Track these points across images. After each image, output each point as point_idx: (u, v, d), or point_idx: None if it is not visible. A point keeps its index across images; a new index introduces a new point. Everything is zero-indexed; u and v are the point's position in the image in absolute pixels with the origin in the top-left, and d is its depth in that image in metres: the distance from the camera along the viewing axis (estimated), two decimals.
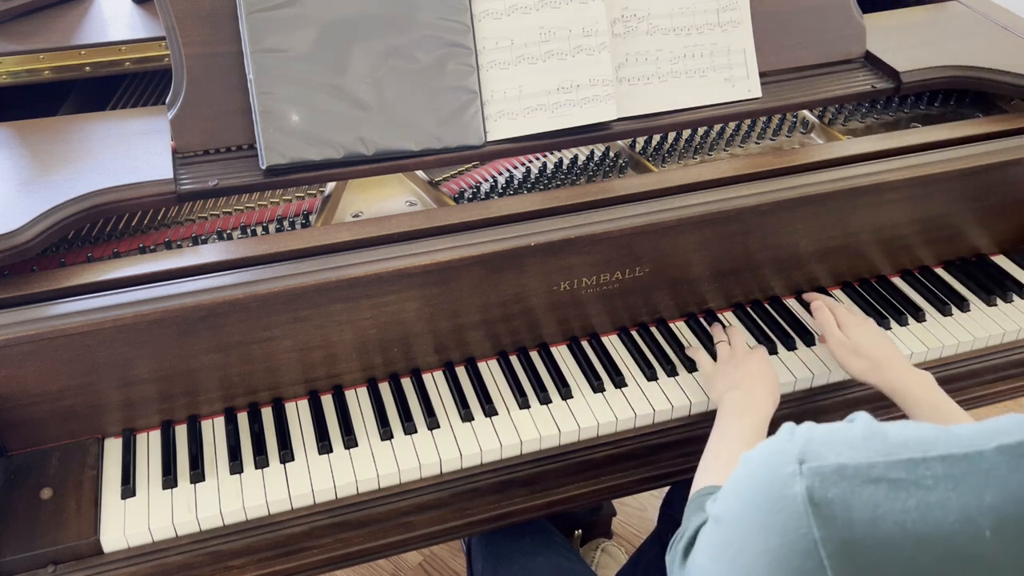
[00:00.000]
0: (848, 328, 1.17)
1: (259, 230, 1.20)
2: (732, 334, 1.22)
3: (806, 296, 1.30)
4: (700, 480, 0.97)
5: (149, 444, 1.12)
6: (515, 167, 1.34)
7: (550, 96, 1.20)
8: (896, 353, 1.13)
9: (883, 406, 1.27)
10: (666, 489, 1.47)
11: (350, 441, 1.12)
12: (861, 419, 0.65)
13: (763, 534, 0.62)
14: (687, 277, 1.26)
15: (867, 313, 1.31)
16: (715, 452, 1.00)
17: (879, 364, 1.11)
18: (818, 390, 1.24)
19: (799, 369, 1.23)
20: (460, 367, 1.22)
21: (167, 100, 1.15)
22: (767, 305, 1.33)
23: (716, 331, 1.25)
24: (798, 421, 1.27)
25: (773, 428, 1.22)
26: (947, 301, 1.32)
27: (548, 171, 1.33)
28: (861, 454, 0.60)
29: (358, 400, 1.18)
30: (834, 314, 1.20)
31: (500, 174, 1.33)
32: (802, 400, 1.23)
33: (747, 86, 1.29)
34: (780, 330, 1.28)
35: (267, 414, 1.15)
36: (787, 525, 0.60)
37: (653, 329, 1.29)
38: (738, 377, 1.11)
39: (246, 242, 1.12)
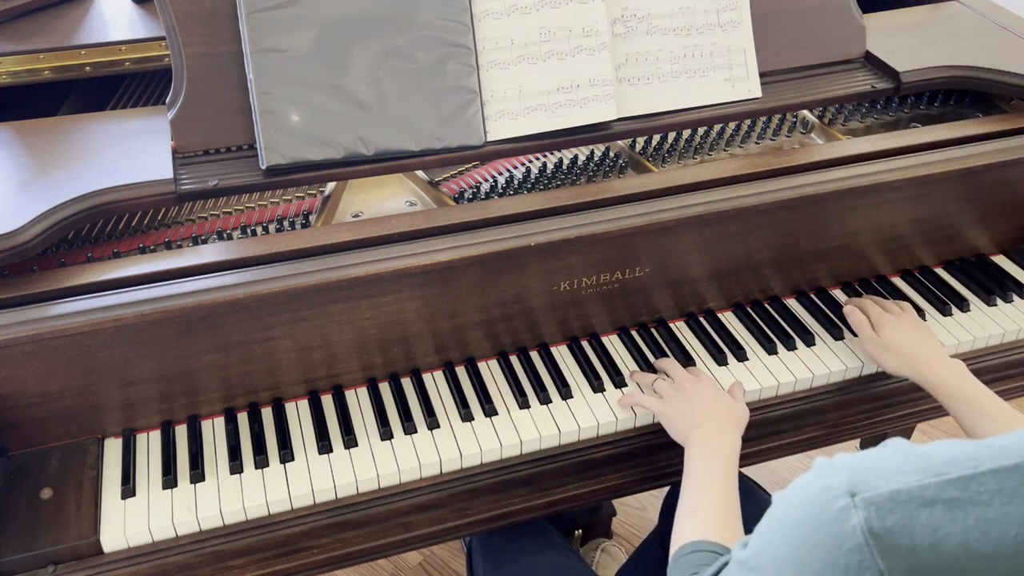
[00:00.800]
0: (881, 328, 1.19)
1: (259, 230, 1.20)
2: (668, 365, 1.18)
3: (846, 308, 1.27)
4: (680, 534, 0.94)
5: (149, 444, 1.12)
6: (515, 167, 1.35)
7: (550, 96, 1.20)
8: (928, 347, 1.15)
9: (882, 406, 1.28)
10: (666, 489, 1.47)
11: (350, 441, 1.12)
12: (896, 443, 0.63)
13: (822, 574, 0.60)
14: (687, 277, 1.26)
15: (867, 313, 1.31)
16: (692, 503, 0.97)
17: (910, 359, 1.14)
18: (819, 390, 1.24)
19: (799, 369, 1.23)
20: (460, 367, 1.22)
21: (167, 100, 1.15)
22: (767, 305, 1.33)
23: (642, 375, 1.20)
24: (799, 421, 1.28)
25: (774, 426, 1.23)
26: (947, 301, 1.32)
27: (548, 171, 1.33)
28: (910, 477, 0.59)
29: (358, 400, 1.18)
30: (867, 313, 1.22)
31: (500, 174, 1.33)
32: (803, 400, 1.23)
33: (747, 86, 1.30)
34: (780, 330, 1.28)
35: (267, 414, 1.15)
36: (849, 560, 0.58)
37: (653, 329, 1.29)
38: (696, 412, 1.09)
39: (246, 242, 1.12)
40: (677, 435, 1.10)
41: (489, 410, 1.16)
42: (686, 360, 1.23)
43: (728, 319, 1.31)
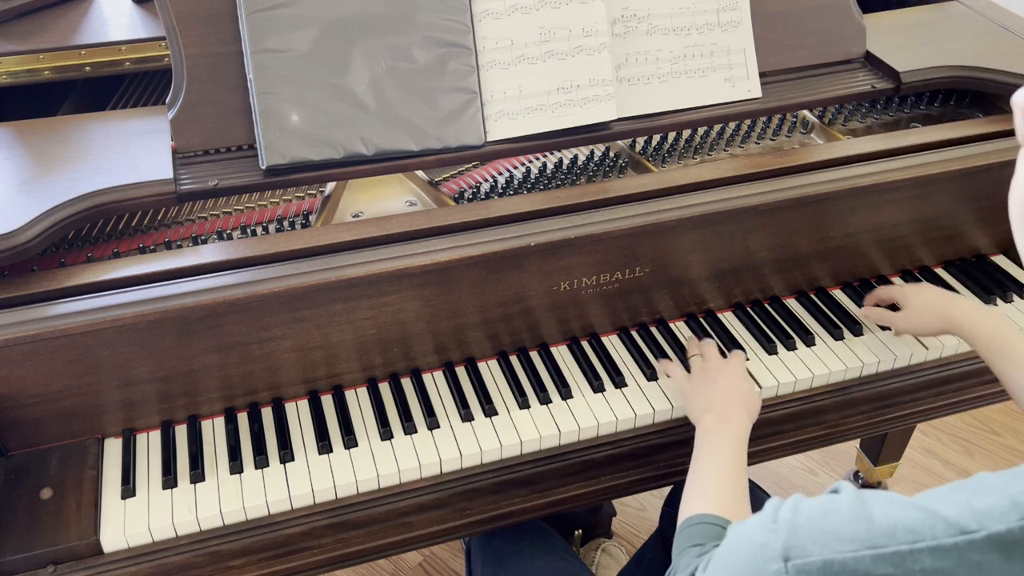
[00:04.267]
0: (906, 299, 1.20)
1: (259, 230, 1.20)
2: (705, 346, 1.19)
3: (863, 311, 1.29)
4: (687, 508, 0.95)
5: (149, 444, 1.12)
6: (515, 167, 1.34)
7: (550, 96, 1.20)
8: (958, 300, 1.16)
9: (882, 406, 1.28)
10: (667, 489, 1.47)
11: (350, 441, 1.12)
12: (845, 495, 0.62)
13: None
14: (687, 277, 1.26)
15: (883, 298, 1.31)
16: (698, 478, 0.99)
17: (943, 314, 1.15)
18: (819, 390, 1.24)
19: (799, 370, 1.23)
20: (460, 367, 1.22)
21: (167, 100, 1.15)
22: (767, 305, 1.33)
23: (691, 344, 1.22)
24: (799, 421, 1.27)
25: (774, 426, 1.23)
26: None
27: (548, 171, 1.33)
28: (847, 546, 0.58)
29: (358, 400, 1.18)
30: (884, 297, 1.24)
31: (500, 174, 1.33)
32: (804, 400, 1.23)
33: (747, 86, 1.30)
34: (780, 330, 1.28)
35: (267, 414, 1.15)
36: None
37: (653, 329, 1.29)
38: (712, 395, 1.09)
39: (246, 242, 1.12)
40: (691, 412, 1.11)
41: (489, 410, 1.16)
42: (687, 361, 1.23)
43: (728, 319, 1.31)
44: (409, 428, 1.13)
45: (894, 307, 1.25)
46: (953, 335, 1.16)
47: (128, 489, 1.06)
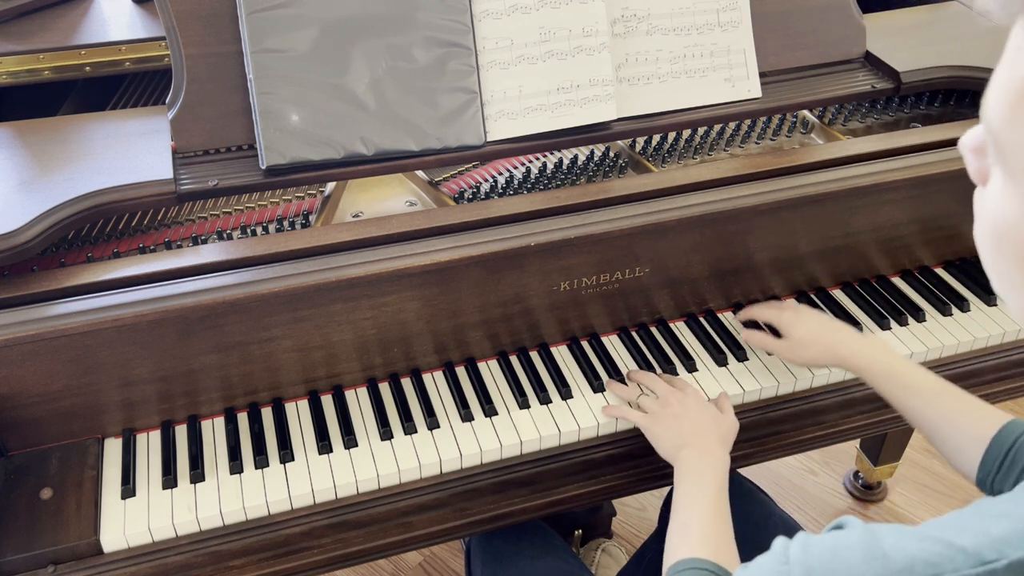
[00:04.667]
0: (788, 327, 1.17)
1: (259, 230, 1.20)
2: (651, 381, 1.17)
3: (743, 334, 1.24)
4: (673, 552, 0.94)
5: (149, 444, 1.12)
6: (515, 167, 1.34)
7: (550, 96, 1.20)
8: (840, 330, 1.13)
9: (882, 406, 1.28)
10: (667, 489, 1.46)
11: (350, 441, 1.12)
12: (854, 531, 0.60)
13: None
14: (687, 277, 1.26)
15: (867, 313, 1.31)
16: (683, 521, 0.97)
17: (829, 348, 1.12)
18: (819, 390, 1.24)
19: (800, 369, 1.23)
20: (460, 367, 1.22)
21: (167, 100, 1.15)
22: None
23: (631, 385, 1.19)
24: (799, 421, 1.27)
25: (774, 426, 1.22)
26: (947, 301, 1.32)
27: (548, 171, 1.33)
28: None
29: (358, 400, 1.18)
30: (765, 320, 1.21)
31: (500, 174, 1.33)
32: (804, 399, 1.23)
33: (747, 86, 1.30)
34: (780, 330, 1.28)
35: (267, 414, 1.15)
36: None
37: (653, 329, 1.29)
38: (684, 430, 1.07)
39: (246, 242, 1.12)
40: (664, 452, 1.08)
41: (489, 410, 1.16)
42: (687, 360, 1.23)
43: (728, 319, 1.31)
44: (409, 428, 1.13)
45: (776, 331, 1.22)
46: (839, 368, 1.13)
47: (128, 489, 1.06)
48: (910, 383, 1.03)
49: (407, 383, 1.19)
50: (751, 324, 1.26)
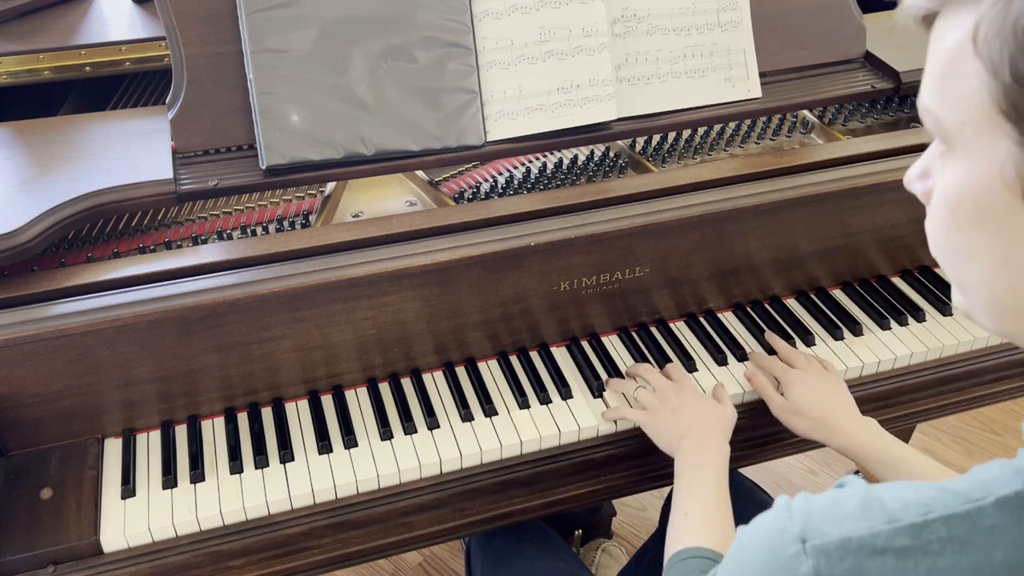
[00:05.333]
0: (788, 387, 1.13)
1: (259, 230, 1.20)
2: (646, 373, 1.17)
3: (747, 372, 1.20)
4: (674, 541, 0.94)
5: (149, 444, 1.12)
6: (515, 167, 1.34)
7: (550, 96, 1.20)
8: (839, 406, 1.10)
9: (882, 406, 1.28)
10: (667, 489, 1.46)
11: (350, 441, 1.12)
12: (853, 484, 0.63)
13: None
14: (687, 277, 1.26)
15: (867, 313, 1.31)
16: (683, 511, 0.97)
17: (822, 424, 1.08)
18: None
19: None
20: (460, 367, 1.22)
21: (167, 100, 1.15)
22: (767, 305, 1.33)
23: (628, 379, 1.19)
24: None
25: (774, 427, 1.22)
26: (947, 301, 1.32)
27: (548, 171, 1.33)
28: (863, 524, 0.58)
29: (358, 400, 1.18)
30: (771, 372, 1.17)
31: (500, 174, 1.33)
32: None
33: (747, 86, 1.30)
34: (780, 330, 1.28)
35: (267, 414, 1.15)
36: None
37: (653, 329, 1.29)
38: (683, 422, 1.07)
39: (246, 242, 1.12)
40: (664, 445, 1.09)
41: (489, 410, 1.16)
42: (687, 360, 1.23)
43: (728, 319, 1.31)
44: (409, 428, 1.13)
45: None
46: (825, 443, 1.10)
47: (128, 489, 1.06)
48: (908, 469, 1.00)
49: (407, 383, 1.19)
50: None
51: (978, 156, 0.56)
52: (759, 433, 1.22)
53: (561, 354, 1.25)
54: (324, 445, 1.11)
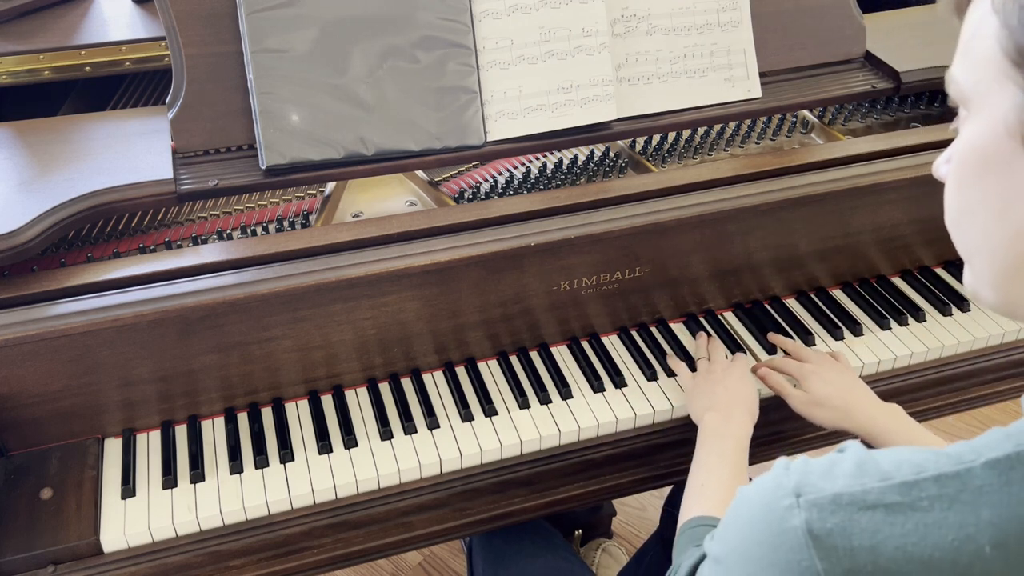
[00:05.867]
0: (805, 381, 1.13)
1: (259, 230, 1.20)
2: (713, 348, 1.20)
3: (756, 370, 1.19)
4: (687, 510, 0.95)
5: (149, 444, 1.12)
6: (515, 167, 1.34)
7: (550, 96, 1.20)
8: (860, 395, 1.10)
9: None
10: (667, 489, 1.47)
11: (350, 441, 1.12)
12: (852, 448, 0.65)
13: (766, 571, 0.61)
14: (687, 277, 1.26)
15: (867, 313, 1.31)
16: (699, 481, 0.98)
17: (846, 413, 1.08)
18: None
19: None
20: (460, 367, 1.22)
21: (167, 100, 1.15)
22: (767, 305, 1.33)
23: (699, 343, 1.23)
24: (800, 421, 1.27)
25: (775, 427, 1.22)
26: (947, 301, 1.32)
27: (548, 171, 1.33)
28: (856, 481, 0.60)
29: (358, 400, 1.18)
30: (786, 371, 1.17)
31: (500, 174, 1.33)
32: None
33: (747, 86, 1.30)
34: (780, 330, 1.28)
35: (267, 414, 1.15)
36: (789, 559, 0.60)
37: (653, 329, 1.29)
38: (716, 396, 1.09)
39: (246, 242, 1.12)
40: (693, 412, 1.11)
41: (489, 410, 1.16)
42: (687, 361, 1.23)
43: (728, 319, 1.31)
44: (409, 428, 1.13)
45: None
46: (850, 431, 1.09)
47: (128, 489, 1.06)
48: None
49: (407, 383, 1.19)
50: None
51: (988, 109, 0.58)
52: (760, 432, 1.21)
53: (561, 354, 1.25)
54: (324, 445, 1.11)
